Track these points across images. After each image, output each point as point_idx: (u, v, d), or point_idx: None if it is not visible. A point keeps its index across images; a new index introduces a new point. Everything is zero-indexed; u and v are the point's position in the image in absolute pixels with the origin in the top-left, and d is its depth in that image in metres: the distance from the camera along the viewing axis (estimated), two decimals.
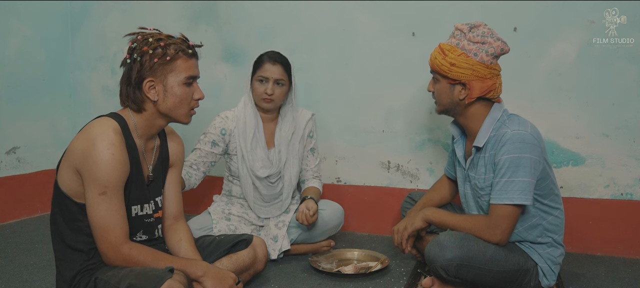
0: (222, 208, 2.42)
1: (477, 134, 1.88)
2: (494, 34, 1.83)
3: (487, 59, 1.81)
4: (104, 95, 3.39)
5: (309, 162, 2.52)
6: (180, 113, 1.67)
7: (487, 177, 1.84)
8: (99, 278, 1.53)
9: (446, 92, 1.89)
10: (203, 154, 2.34)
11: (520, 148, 1.75)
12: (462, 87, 1.85)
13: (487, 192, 1.85)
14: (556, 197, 1.89)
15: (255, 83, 2.34)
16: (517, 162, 1.74)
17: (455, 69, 1.82)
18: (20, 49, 3.13)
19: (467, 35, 1.83)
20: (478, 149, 1.87)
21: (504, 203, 1.75)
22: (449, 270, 1.77)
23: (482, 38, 1.81)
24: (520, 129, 1.78)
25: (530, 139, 1.77)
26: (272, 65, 2.31)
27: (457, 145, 2.01)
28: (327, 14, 2.81)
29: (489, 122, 1.86)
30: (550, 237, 1.87)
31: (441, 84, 1.90)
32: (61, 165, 1.59)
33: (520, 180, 1.74)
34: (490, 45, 1.81)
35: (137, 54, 1.60)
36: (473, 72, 1.81)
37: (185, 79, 1.64)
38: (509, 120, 1.84)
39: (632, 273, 2.21)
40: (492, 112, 1.87)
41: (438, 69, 1.87)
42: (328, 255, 2.37)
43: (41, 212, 3.23)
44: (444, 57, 1.84)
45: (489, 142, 1.84)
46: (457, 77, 1.83)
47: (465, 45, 1.82)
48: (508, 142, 1.77)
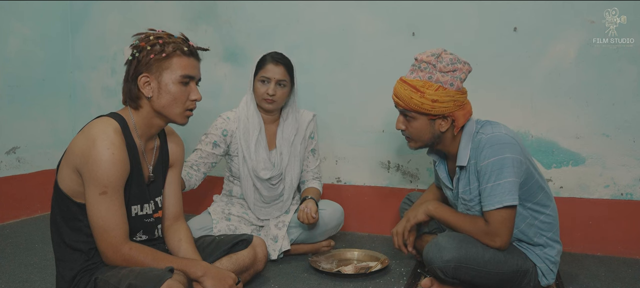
0: (222, 208, 2.42)
1: (457, 154, 1.87)
2: (458, 58, 1.80)
3: (460, 85, 1.79)
4: (104, 95, 3.39)
5: (309, 163, 2.52)
6: (175, 112, 1.66)
7: (473, 187, 1.83)
8: (99, 278, 1.53)
9: (426, 128, 1.84)
10: (204, 155, 2.33)
11: (500, 149, 1.74)
12: (443, 119, 1.82)
13: (476, 202, 1.84)
14: (546, 195, 1.87)
15: (257, 83, 2.32)
16: (500, 164, 1.73)
17: (438, 105, 1.77)
18: (20, 49, 3.13)
19: (437, 67, 1.77)
20: (461, 168, 1.86)
21: (496, 207, 1.74)
22: (447, 272, 1.77)
23: (452, 65, 1.77)
24: (494, 132, 1.78)
25: (507, 139, 1.76)
26: (275, 65, 2.30)
27: (439, 168, 2.00)
28: (327, 14, 2.81)
29: (466, 140, 1.84)
30: (545, 237, 1.87)
31: (419, 121, 1.83)
32: (61, 165, 1.59)
33: (505, 182, 1.72)
34: (460, 71, 1.78)
35: (136, 50, 1.61)
36: (455, 103, 1.78)
37: (180, 77, 1.63)
38: (482, 128, 1.84)
39: (632, 273, 2.21)
40: (466, 128, 1.85)
41: (417, 109, 1.80)
42: (328, 255, 2.37)
43: (41, 212, 3.23)
44: (421, 95, 1.77)
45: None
46: (439, 113, 1.79)
47: (439, 78, 1.77)
48: (486, 146, 1.76)
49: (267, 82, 2.30)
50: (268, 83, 2.30)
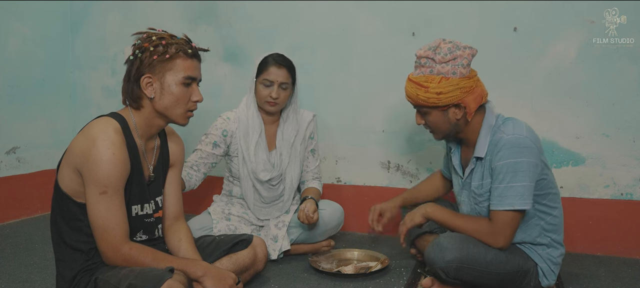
0: (222, 208, 2.42)
1: (475, 143, 1.87)
2: (457, 44, 1.80)
3: (464, 71, 1.79)
4: (104, 95, 3.39)
5: (309, 163, 2.51)
6: (176, 113, 1.66)
7: (485, 182, 1.83)
8: (99, 278, 1.53)
9: (442, 120, 1.86)
10: (204, 155, 2.33)
11: (518, 152, 1.74)
12: (456, 107, 1.83)
13: (485, 198, 1.84)
14: (555, 197, 1.88)
15: (260, 86, 2.31)
16: (516, 167, 1.73)
17: (443, 96, 1.79)
18: (20, 49, 3.13)
19: (436, 59, 1.78)
20: (479, 159, 1.86)
21: (505, 209, 1.74)
22: (449, 272, 1.77)
23: (451, 54, 1.77)
24: (516, 133, 1.77)
25: (527, 143, 1.75)
26: (278, 68, 2.28)
27: (454, 154, 2.00)
28: (327, 14, 2.81)
29: (486, 130, 1.84)
30: (549, 237, 1.87)
31: (433, 115, 1.86)
32: (61, 165, 1.59)
33: (520, 185, 1.72)
34: (461, 58, 1.78)
35: (139, 50, 1.61)
36: (461, 90, 1.78)
37: (183, 79, 1.63)
38: (503, 124, 1.83)
39: (632, 273, 2.21)
40: (487, 119, 1.86)
41: (425, 104, 1.83)
42: (328, 255, 2.37)
43: (41, 212, 3.23)
44: (426, 90, 1.79)
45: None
46: (448, 103, 1.80)
47: (440, 69, 1.78)
48: (504, 147, 1.75)
49: (270, 85, 2.29)
50: (271, 86, 2.28)
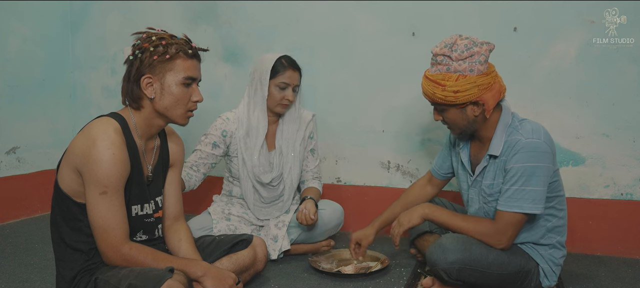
0: (222, 208, 2.42)
1: (490, 141, 1.85)
2: (474, 40, 1.77)
3: (482, 67, 1.76)
4: (104, 95, 3.39)
5: (308, 163, 2.51)
6: (177, 113, 1.66)
7: (496, 182, 1.82)
8: (99, 278, 1.53)
9: (459, 117, 1.83)
10: (203, 155, 2.33)
11: (535, 157, 1.72)
12: (474, 105, 1.79)
13: (495, 199, 1.83)
14: (562, 199, 1.87)
15: (274, 89, 2.31)
16: (531, 171, 1.71)
17: (461, 94, 1.75)
18: (20, 49, 3.13)
19: (452, 57, 1.75)
20: (492, 157, 1.84)
21: (513, 211, 1.73)
22: (451, 273, 1.77)
23: (468, 51, 1.74)
24: (534, 138, 1.74)
25: (544, 148, 1.73)
26: (293, 72, 2.32)
27: (463, 151, 1.97)
28: (327, 14, 2.81)
29: (502, 129, 1.82)
30: (553, 239, 1.86)
31: (450, 112, 1.83)
32: (61, 165, 1.59)
33: (533, 190, 1.72)
34: (478, 54, 1.75)
35: (139, 50, 1.61)
36: (479, 88, 1.75)
37: (183, 79, 1.63)
38: (521, 126, 1.80)
39: (632, 273, 2.21)
40: (503, 117, 1.84)
41: (442, 102, 1.79)
42: (328, 255, 2.37)
43: (41, 212, 3.23)
44: (443, 88, 1.76)
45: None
46: (465, 100, 1.77)
47: (457, 67, 1.75)
48: (522, 150, 1.73)
49: (285, 87, 2.31)
50: (286, 88, 2.32)
